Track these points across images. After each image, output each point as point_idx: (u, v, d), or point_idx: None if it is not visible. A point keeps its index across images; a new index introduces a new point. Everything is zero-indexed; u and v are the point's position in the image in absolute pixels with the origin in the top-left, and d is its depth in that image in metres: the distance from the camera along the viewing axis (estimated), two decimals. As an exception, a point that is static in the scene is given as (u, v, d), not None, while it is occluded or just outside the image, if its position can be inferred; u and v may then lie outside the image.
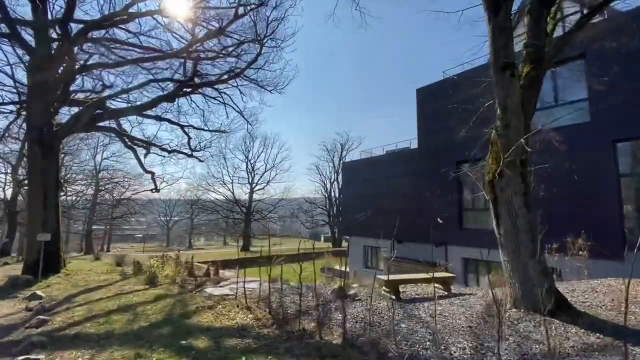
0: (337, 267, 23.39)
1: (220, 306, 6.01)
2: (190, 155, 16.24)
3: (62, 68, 10.20)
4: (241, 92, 14.70)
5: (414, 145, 18.50)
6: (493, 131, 5.57)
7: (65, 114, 11.59)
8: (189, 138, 16.36)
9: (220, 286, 7.91)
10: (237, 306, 5.89)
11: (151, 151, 16.10)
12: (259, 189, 42.55)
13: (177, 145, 16.51)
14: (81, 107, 10.63)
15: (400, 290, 6.65)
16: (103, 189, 35.93)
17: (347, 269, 18.82)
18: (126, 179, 37.57)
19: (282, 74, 13.30)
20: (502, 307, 5.31)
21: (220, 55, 11.65)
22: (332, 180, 43.11)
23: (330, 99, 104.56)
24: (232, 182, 39.94)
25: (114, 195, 38.18)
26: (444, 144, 15.69)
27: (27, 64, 10.71)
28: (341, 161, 42.94)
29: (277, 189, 77.39)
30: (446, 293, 6.80)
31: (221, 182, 39.90)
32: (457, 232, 14.72)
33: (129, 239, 65.20)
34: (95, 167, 34.27)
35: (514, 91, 5.04)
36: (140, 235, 69.96)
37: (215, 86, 13.88)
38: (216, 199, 42.19)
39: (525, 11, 5.80)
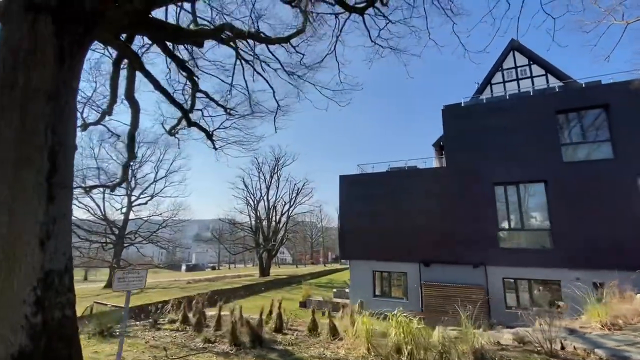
0: (334, 299, 18.97)
1: None
2: (210, 137, 9.25)
3: None
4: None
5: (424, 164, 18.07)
6: None
7: None
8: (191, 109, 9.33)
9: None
10: None
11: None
12: (139, 204, 30.94)
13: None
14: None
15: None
16: None
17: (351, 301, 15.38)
18: None
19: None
20: None
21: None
22: (260, 197, 36.98)
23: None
24: (103, 192, 27.25)
25: None
26: (476, 165, 15.93)
27: None
28: (275, 173, 37.90)
29: (171, 206, 60.12)
30: None
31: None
32: (496, 252, 14.81)
33: None
34: None
35: None
36: None
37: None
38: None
39: None
